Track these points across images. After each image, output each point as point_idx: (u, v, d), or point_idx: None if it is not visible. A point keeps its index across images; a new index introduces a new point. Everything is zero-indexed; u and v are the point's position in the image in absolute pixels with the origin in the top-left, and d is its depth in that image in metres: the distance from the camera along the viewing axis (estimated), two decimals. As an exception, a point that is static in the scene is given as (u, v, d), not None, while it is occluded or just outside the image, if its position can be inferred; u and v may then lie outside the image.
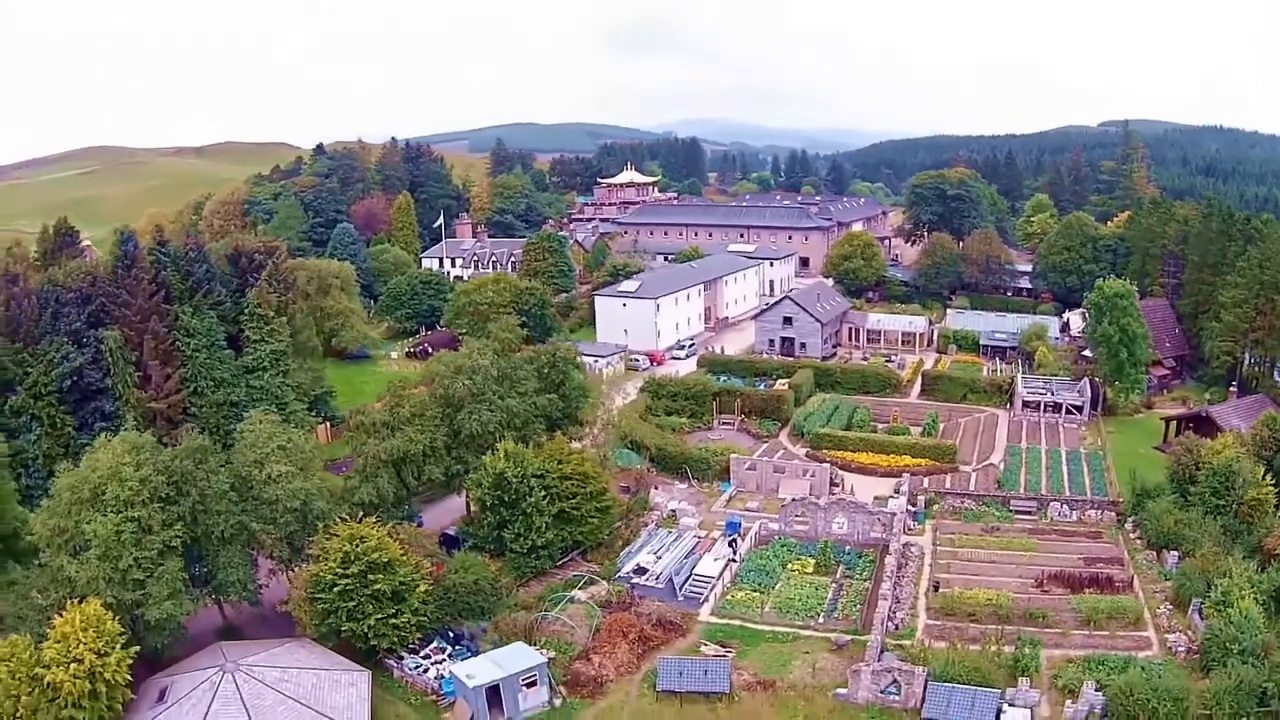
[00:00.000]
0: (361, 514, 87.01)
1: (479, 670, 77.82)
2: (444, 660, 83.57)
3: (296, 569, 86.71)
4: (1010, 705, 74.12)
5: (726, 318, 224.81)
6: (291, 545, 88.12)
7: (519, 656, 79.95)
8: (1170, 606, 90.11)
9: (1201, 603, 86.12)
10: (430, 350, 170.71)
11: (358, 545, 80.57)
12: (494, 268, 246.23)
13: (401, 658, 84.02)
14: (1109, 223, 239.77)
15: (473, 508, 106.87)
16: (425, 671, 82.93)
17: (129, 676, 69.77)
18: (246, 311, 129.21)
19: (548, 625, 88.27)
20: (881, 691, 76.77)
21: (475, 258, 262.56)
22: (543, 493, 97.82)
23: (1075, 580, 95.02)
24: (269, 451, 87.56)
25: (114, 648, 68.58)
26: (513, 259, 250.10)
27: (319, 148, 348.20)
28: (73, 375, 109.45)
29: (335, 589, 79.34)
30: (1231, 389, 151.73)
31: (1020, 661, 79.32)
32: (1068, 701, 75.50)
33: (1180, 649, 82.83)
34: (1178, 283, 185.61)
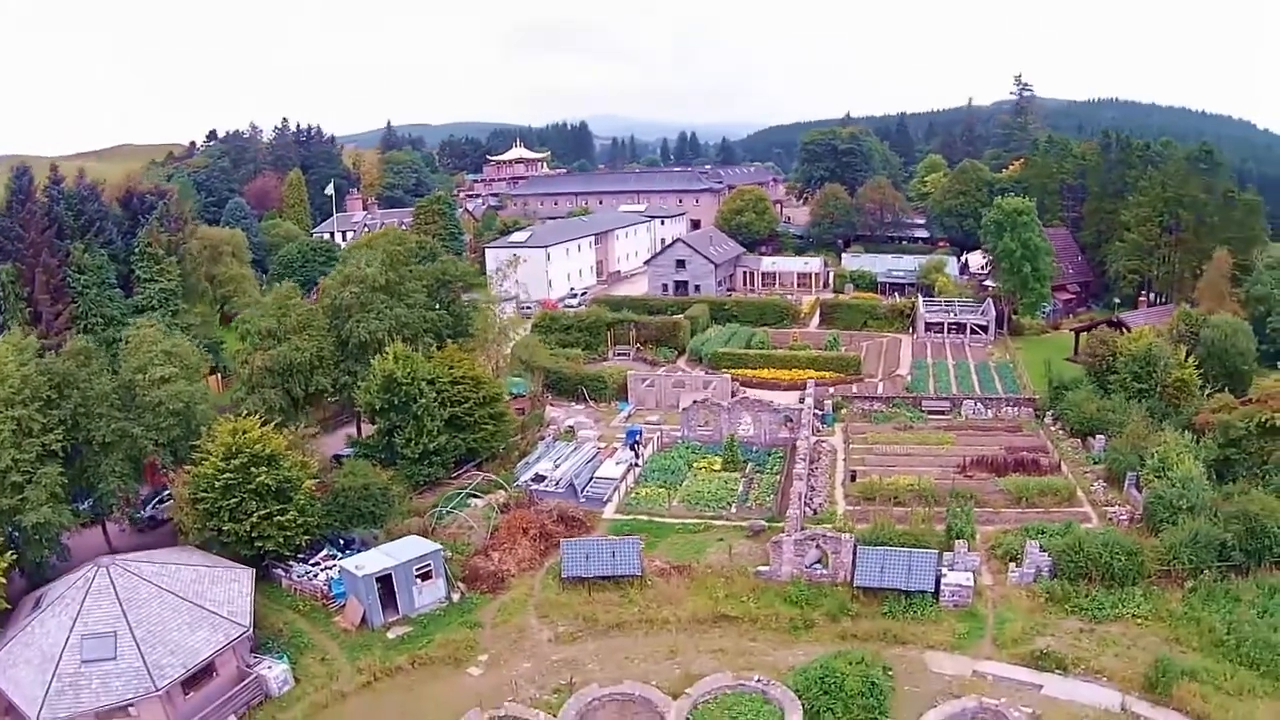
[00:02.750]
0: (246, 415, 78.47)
1: (368, 561, 69.54)
2: (334, 566, 74.34)
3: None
4: (950, 569, 66.65)
5: (619, 271, 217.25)
6: (175, 453, 79.13)
7: (411, 546, 71.79)
8: (1104, 484, 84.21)
9: (1138, 475, 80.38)
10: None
11: (240, 436, 72.26)
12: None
13: (289, 567, 75.11)
14: (1004, 171, 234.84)
15: (361, 418, 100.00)
16: (315, 578, 73.90)
17: (2, 581, 62.31)
18: (137, 251, 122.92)
19: (443, 529, 79.66)
20: (808, 567, 68.92)
21: (366, 228, 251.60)
22: (434, 395, 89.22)
23: (1000, 464, 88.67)
24: (153, 356, 79.32)
25: (-14, 550, 60.75)
26: (403, 227, 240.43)
27: (212, 133, 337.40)
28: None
29: (218, 485, 70.65)
30: (1142, 299, 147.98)
31: (954, 528, 71.93)
32: (1011, 565, 68.52)
33: (1122, 518, 76.49)
34: (1078, 215, 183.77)
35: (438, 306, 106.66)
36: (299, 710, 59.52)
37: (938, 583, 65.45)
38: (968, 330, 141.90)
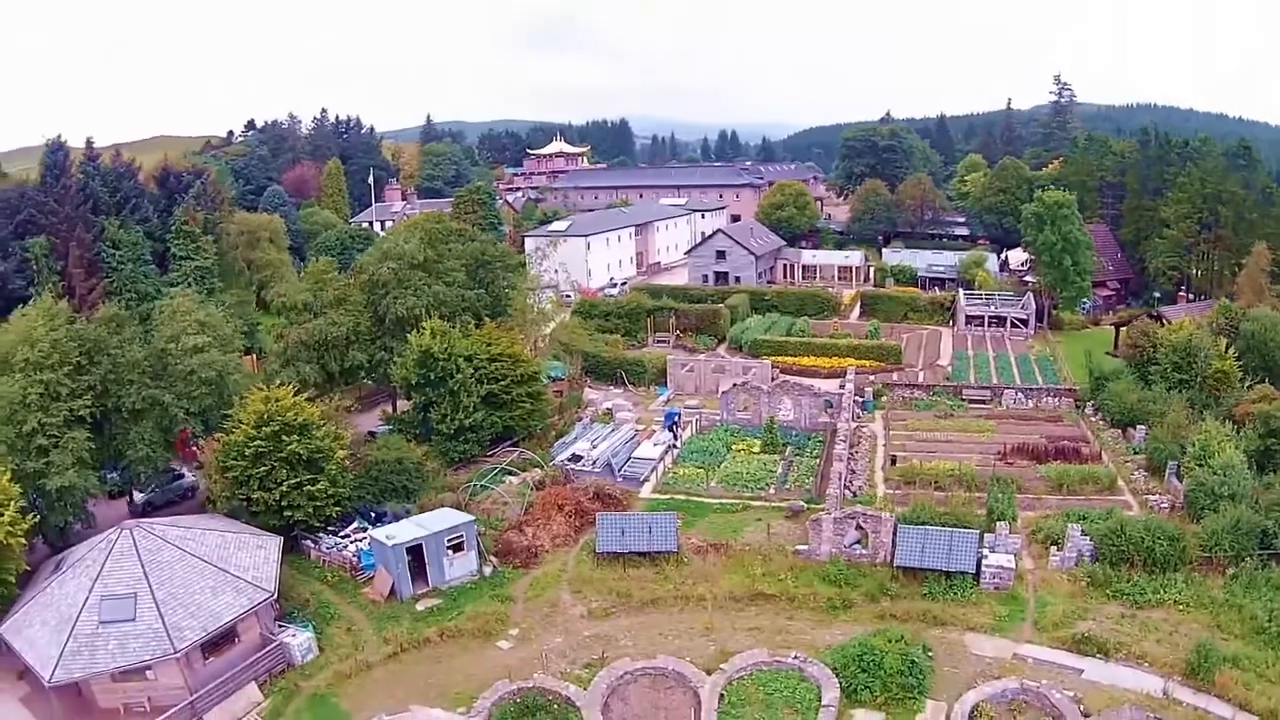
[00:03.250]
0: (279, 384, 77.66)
1: (399, 532, 68.62)
2: (364, 538, 73.31)
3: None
4: (991, 551, 65.29)
5: (658, 263, 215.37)
6: (206, 423, 78.48)
7: (443, 518, 70.91)
8: (1145, 473, 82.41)
9: (1179, 464, 78.68)
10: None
11: (273, 405, 71.56)
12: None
13: (319, 538, 73.98)
14: (1044, 169, 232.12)
15: (396, 396, 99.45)
16: (344, 550, 72.87)
17: (24, 542, 61.44)
18: (173, 229, 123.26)
19: (477, 504, 78.42)
20: (847, 546, 67.73)
21: (405, 218, 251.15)
22: (471, 371, 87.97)
23: (1040, 452, 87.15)
24: (186, 325, 78.91)
25: (8, 507, 60.10)
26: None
27: (250, 123, 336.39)
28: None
29: (248, 452, 69.89)
30: (1180, 295, 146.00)
31: (995, 510, 70.62)
32: (1052, 549, 67.09)
33: (1163, 506, 74.82)
34: (1117, 213, 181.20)
35: (476, 287, 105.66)
36: (322, 679, 58.85)
37: (978, 565, 64.14)
38: (1008, 324, 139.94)
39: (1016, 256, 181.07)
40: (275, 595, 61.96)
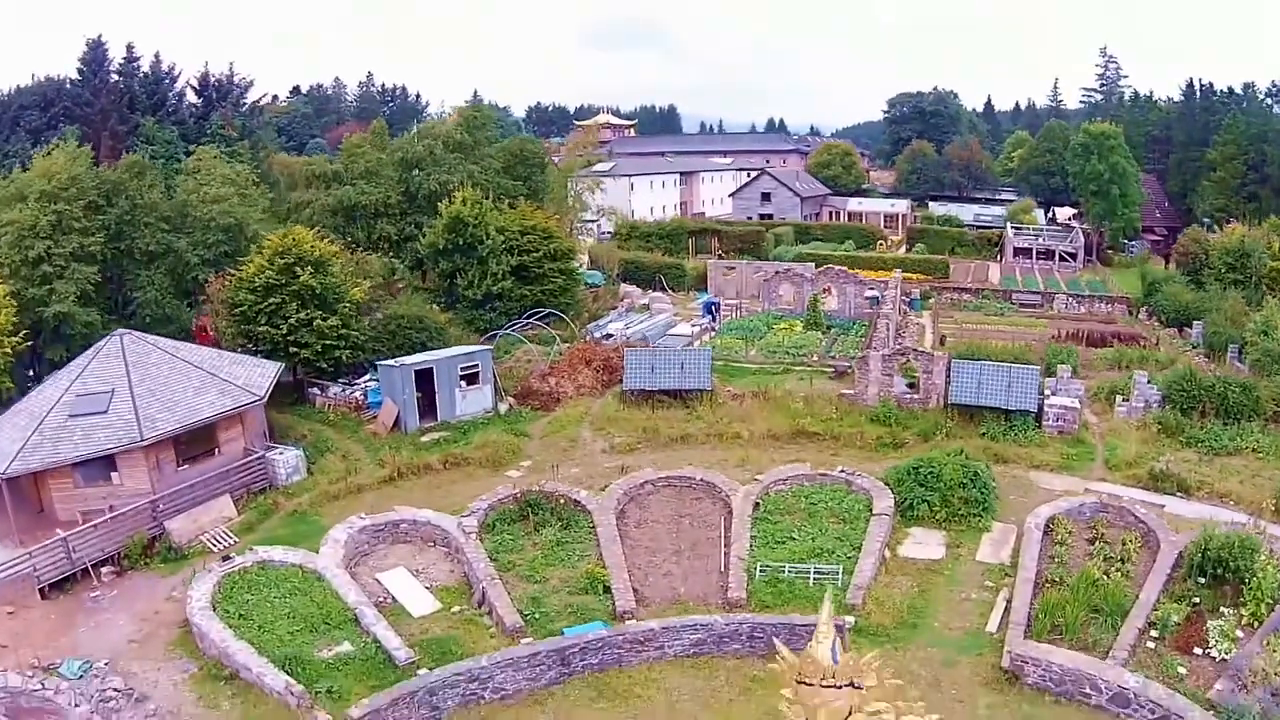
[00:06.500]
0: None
1: (410, 360, 61.97)
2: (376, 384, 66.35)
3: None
4: (1053, 394, 57.73)
5: (702, 213, 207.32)
6: (219, 271, 71.89)
7: (458, 349, 64.58)
8: (1206, 359, 74.28)
9: (1240, 345, 71.55)
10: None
11: (289, 239, 65.67)
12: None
13: (326, 386, 67.20)
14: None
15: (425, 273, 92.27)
16: (351, 392, 66.18)
17: (10, 356, 58.48)
18: (209, 133, 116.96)
19: (500, 364, 70.84)
20: (898, 394, 60.29)
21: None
22: (502, 240, 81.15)
23: (1096, 339, 79.69)
24: (211, 178, 74.76)
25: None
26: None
27: (295, 89, 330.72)
28: (22, 168, 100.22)
29: (258, 284, 64.10)
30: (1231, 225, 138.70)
31: (1055, 360, 63.15)
32: (1118, 398, 59.43)
33: (1231, 379, 66.91)
34: (1164, 169, 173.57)
35: (513, 180, 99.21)
36: (306, 499, 52.23)
37: (1040, 407, 56.69)
38: (1056, 258, 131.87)
39: (1063, 213, 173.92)
40: (264, 398, 55.74)
